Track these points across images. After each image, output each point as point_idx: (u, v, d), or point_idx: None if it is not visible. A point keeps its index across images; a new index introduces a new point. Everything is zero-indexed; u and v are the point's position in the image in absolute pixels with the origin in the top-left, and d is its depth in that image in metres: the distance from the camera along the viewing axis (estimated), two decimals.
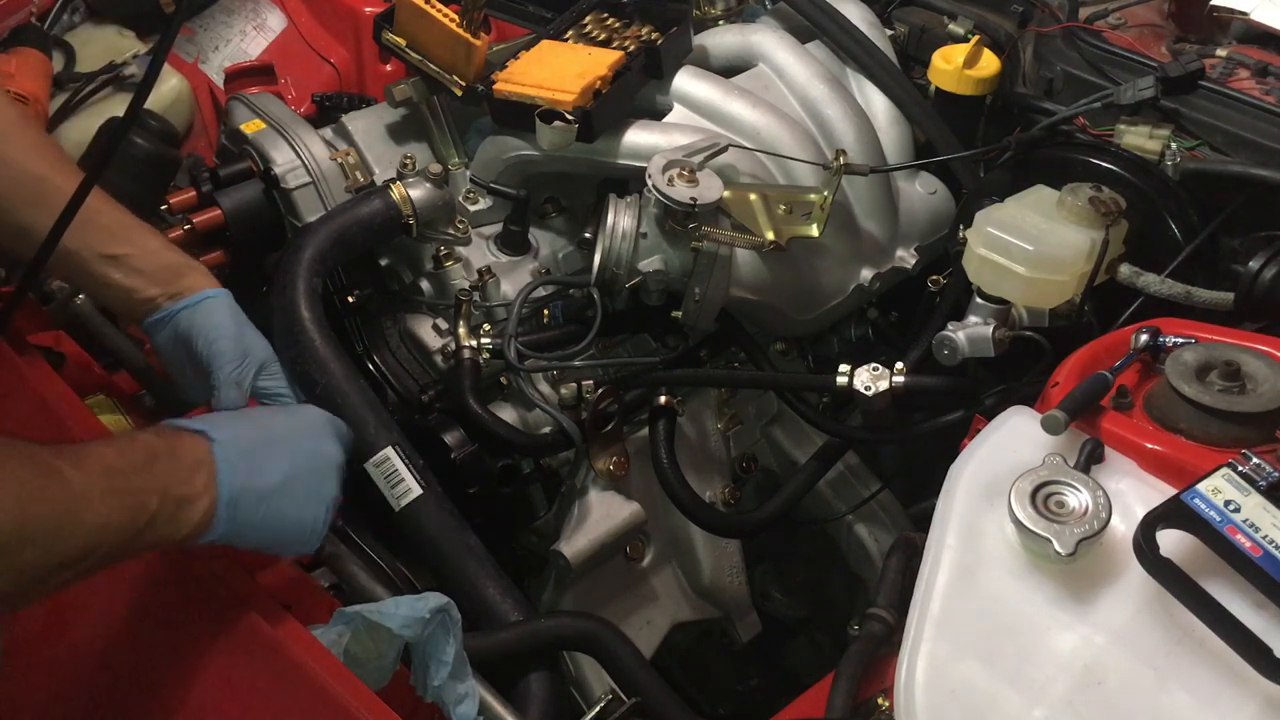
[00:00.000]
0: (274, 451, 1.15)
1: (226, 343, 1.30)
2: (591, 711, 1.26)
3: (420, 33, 1.63)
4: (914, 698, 0.98)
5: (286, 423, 1.22)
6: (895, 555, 1.23)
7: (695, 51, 1.77)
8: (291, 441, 1.18)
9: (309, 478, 1.17)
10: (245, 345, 1.32)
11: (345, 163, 1.64)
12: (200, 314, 1.32)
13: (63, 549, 0.95)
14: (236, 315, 1.34)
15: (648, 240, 1.52)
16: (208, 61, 2.04)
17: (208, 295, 1.33)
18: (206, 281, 1.35)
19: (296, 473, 1.16)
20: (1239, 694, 0.94)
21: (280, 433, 1.19)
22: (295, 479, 1.15)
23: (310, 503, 1.17)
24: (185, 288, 1.33)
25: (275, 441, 1.17)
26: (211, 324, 1.31)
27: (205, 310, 1.32)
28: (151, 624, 1.16)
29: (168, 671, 1.13)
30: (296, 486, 1.15)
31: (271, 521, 1.13)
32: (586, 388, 1.55)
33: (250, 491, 1.10)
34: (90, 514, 0.96)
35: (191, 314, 1.31)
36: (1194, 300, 1.43)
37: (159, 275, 1.32)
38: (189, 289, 1.33)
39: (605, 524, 1.58)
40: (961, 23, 1.85)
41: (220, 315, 1.32)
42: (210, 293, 1.34)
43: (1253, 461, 1.00)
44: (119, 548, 1.00)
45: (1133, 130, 1.59)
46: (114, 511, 0.98)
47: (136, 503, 1.00)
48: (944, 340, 1.46)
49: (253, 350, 1.32)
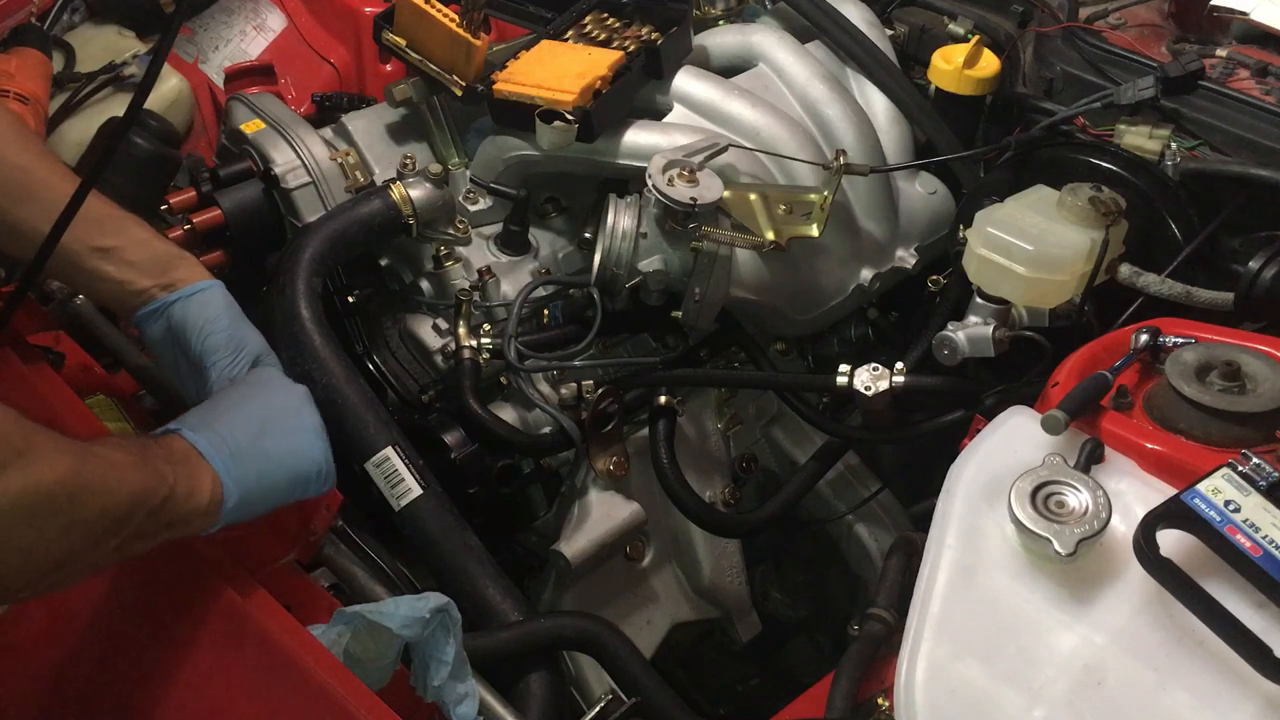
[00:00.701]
0: (240, 410, 1.17)
1: (221, 337, 1.29)
2: (591, 711, 1.27)
3: (420, 33, 1.63)
4: (914, 698, 0.99)
5: (240, 388, 1.24)
6: (895, 555, 1.23)
7: (695, 51, 1.77)
8: (251, 394, 1.21)
9: (284, 416, 1.19)
10: (240, 339, 1.30)
11: (345, 163, 1.64)
12: (194, 306, 1.30)
13: (114, 507, 0.97)
14: (231, 307, 1.33)
15: (648, 240, 1.52)
16: (208, 61, 2.04)
17: (201, 287, 1.32)
18: (199, 273, 1.34)
19: (270, 413, 1.18)
20: (1239, 694, 0.94)
21: (235, 396, 1.21)
22: (271, 419, 1.17)
23: (302, 432, 1.19)
24: (178, 279, 1.32)
25: (236, 403, 1.19)
26: (206, 317, 1.30)
27: (199, 302, 1.31)
28: (151, 624, 1.16)
29: (167, 671, 1.13)
30: (278, 424, 1.18)
31: (273, 466, 1.15)
32: (586, 388, 1.55)
33: (239, 451, 1.12)
34: (128, 477, 0.99)
35: (185, 306, 1.30)
36: (1194, 300, 1.43)
37: (151, 267, 1.31)
38: (182, 280, 1.32)
39: (605, 524, 1.58)
40: (961, 23, 1.85)
41: (214, 307, 1.31)
42: (203, 284, 1.32)
43: (1253, 461, 1.00)
44: (150, 521, 1.01)
45: (1133, 130, 1.59)
46: (145, 478, 1.01)
47: (158, 475, 1.02)
48: (944, 340, 1.46)
49: (247, 343, 1.31)
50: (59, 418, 1.31)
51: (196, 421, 1.13)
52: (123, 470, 0.99)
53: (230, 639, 1.12)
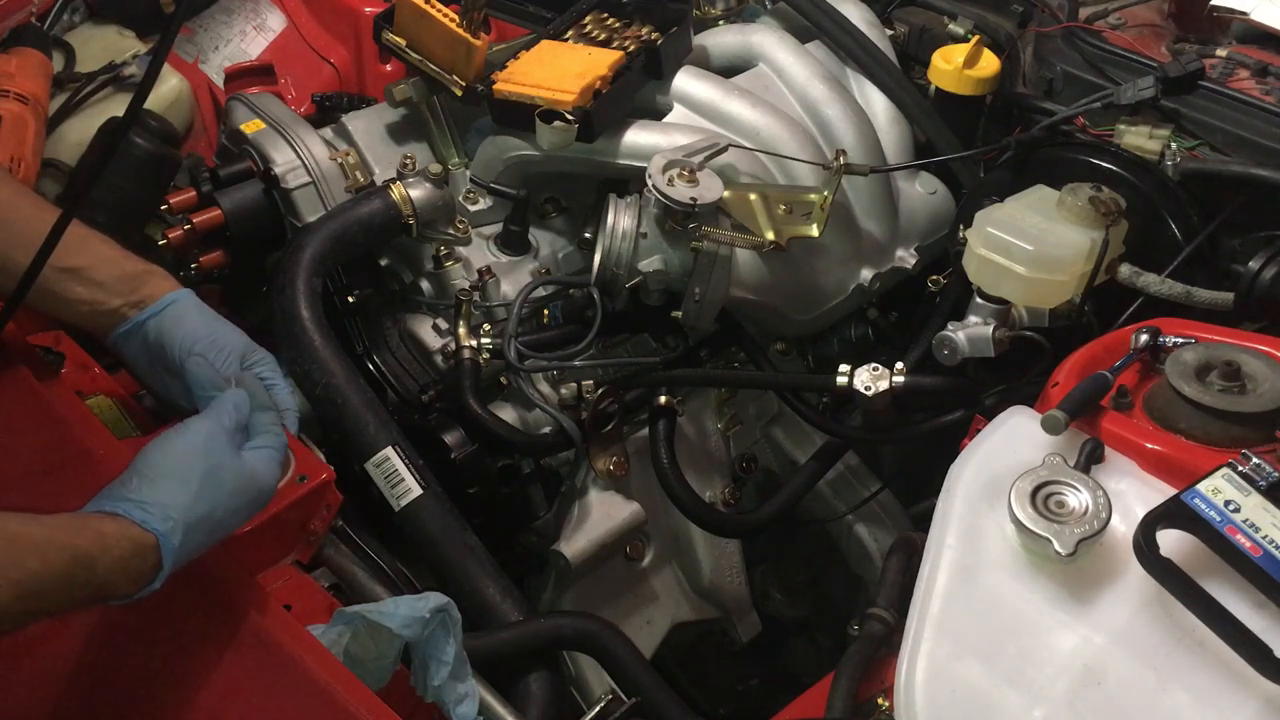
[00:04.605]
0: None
1: (203, 345, 1.28)
2: (591, 711, 1.27)
3: (420, 33, 1.63)
4: (914, 698, 0.99)
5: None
6: (895, 555, 1.23)
7: (695, 51, 1.77)
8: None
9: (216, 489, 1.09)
10: (219, 341, 1.29)
11: (345, 163, 1.64)
12: (168, 320, 1.29)
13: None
14: (204, 313, 1.32)
15: (648, 240, 1.52)
16: (208, 61, 2.04)
17: (171, 299, 1.31)
18: (168, 285, 1.32)
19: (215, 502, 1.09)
20: (1239, 694, 0.94)
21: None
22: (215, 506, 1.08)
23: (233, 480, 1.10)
24: (147, 295, 1.30)
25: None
26: (183, 330, 1.28)
27: (172, 316, 1.30)
28: (150, 624, 1.16)
29: (167, 672, 1.13)
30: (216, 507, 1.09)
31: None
32: (586, 388, 1.55)
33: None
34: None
35: (159, 321, 1.29)
36: (1194, 300, 1.43)
37: (119, 285, 1.29)
38: (151, 296, 1.30)
39: (605, 524, 1.58)
40: (961, 23, 1.85)
41: (189, 319, 1.30)
42: (173, 296, 1.31)
43: (1253, 461, 1.01)
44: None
45: (1133, 130, 1.59)
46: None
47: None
48: (944, 340, 1.46)
49: (229, 344, 1.30)
50: (59, 418, 1.31)
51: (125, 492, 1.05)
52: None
53: (230, 639, 1.12)
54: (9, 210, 1.25)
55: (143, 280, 1.31)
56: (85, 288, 1.28)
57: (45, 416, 1.31)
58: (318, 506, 1.25)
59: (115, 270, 1.30)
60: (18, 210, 1.23)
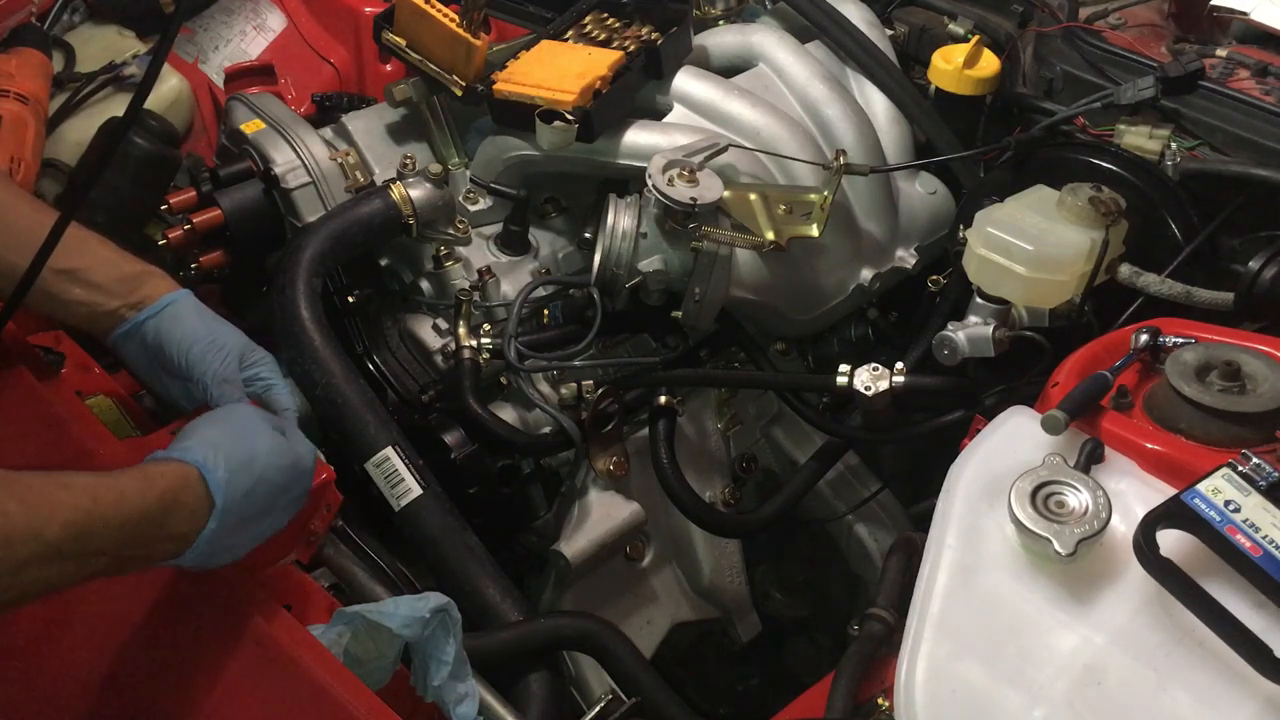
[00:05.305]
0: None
1: (202, 346, 1.28)
2: (591, 711, 1.27)
3: (420, 33, 1.63)
4: (914, 698, 0.99)
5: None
6: (895, 555, 1.23)
7: (695, 51, 1.77)
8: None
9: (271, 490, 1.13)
10: (219, 341, 1.29)
11: (345, 163, 1.64)
12: (166, 321, 1.29)
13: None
14: (203, 314, 1.32)
15: (648, 240, 1.52)
16: (208, 61, 2.04)
17: (169, 300, 1.31)
18: (166, 285, 1.32)
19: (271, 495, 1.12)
20: (1239, 694, 0.94)
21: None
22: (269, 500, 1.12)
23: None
24: (145, 296, 1.30)
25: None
26: (181, 331, 1.29)
27: (171, 316, 1.30)
28: (151, 624, 1.16)
29: (168, 671, 1.13)
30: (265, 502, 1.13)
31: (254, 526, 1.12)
32: (586, 388, 1.55)
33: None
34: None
35: (158, 322, 1.29)
36: (1194, 300, 1.43)
37: (117, 287, 1.29)
38: (149, 296, 1.30)
39: (605, 524, 1.58)
40: (961, 23, 1.85)
41: (188, 319, 1.30)
42: (171, 297, 1.31)
43: (1253, 461, 1.00)
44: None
45: (1133, 130, 1.59)
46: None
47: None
48: (944, 340, 1.46)
49: (228, 344, 1.30)
50: (59, 418, 1.31)
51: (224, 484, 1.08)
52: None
53: (230, 639, 1.12)
54: (7, 213, 1.25)
55: (141, 281, 1.31)
56: (83, 289, 1.28)
57: (45, 416, 1.31)
58: (318, 506, 1.25)
59: (113, 271, 1.30)
60: (15, 212, 1.23)
